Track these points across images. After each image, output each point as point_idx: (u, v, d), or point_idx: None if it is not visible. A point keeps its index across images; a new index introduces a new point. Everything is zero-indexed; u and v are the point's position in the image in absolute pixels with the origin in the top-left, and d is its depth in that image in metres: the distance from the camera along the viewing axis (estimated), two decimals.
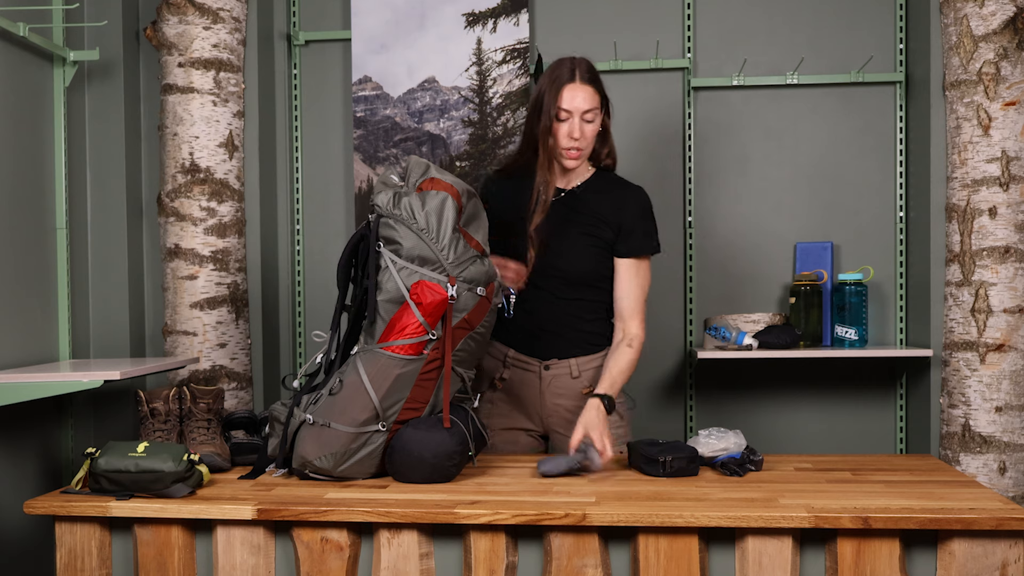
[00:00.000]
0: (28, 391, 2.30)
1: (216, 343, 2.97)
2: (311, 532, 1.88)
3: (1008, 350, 2.82)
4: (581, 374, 2.43)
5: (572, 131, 2.31)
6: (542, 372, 2.43)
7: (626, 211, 2.40)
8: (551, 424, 2.46)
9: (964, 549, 1.76)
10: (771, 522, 1.76)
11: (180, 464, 1.94)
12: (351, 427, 2.03)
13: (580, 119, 2.31)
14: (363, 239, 2.11)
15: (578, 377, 2.43)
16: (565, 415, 2.44)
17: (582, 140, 2.33)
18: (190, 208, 2.95)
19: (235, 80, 3.02)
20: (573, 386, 2.43)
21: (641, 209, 2.41)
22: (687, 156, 3.23)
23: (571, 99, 2.31)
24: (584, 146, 2.34)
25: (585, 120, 2.32)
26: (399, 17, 3.24)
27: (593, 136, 2.35)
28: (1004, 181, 2.81)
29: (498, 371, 2.46)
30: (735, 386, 3.25)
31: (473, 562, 1.84)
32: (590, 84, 2.33)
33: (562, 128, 2.32)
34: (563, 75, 2.33)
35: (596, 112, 2.33)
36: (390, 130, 3.26)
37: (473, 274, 2.06)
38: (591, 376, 2.43)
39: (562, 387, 2.43)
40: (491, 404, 2.48)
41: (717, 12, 3.23)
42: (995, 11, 2.79)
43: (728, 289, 3.24)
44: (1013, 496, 2.81)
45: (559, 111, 2.31)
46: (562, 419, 2.44)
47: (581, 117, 2.31)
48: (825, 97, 3.21)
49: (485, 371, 2.48)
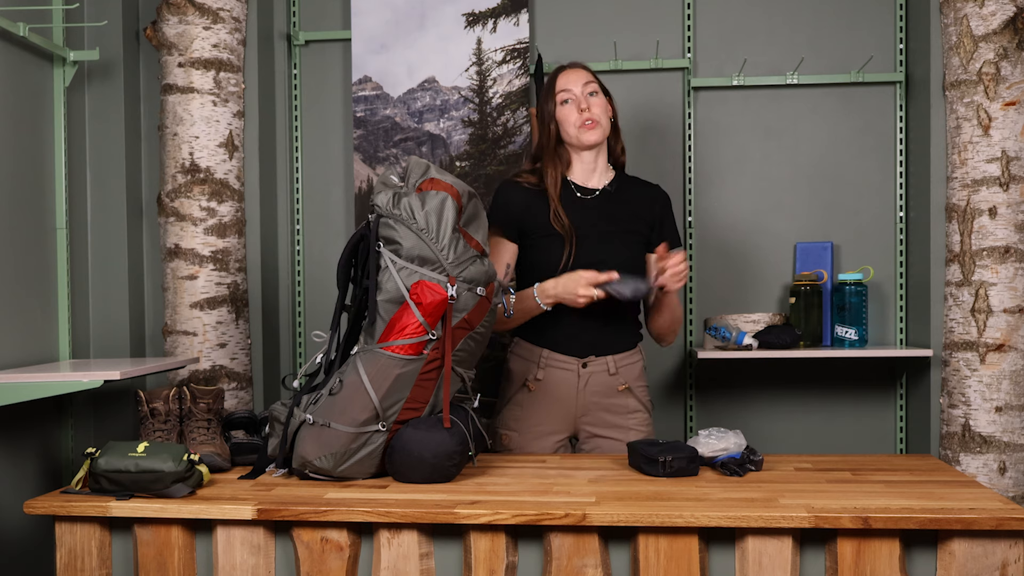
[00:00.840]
0: (28, 391, 2.30)
1: (216, 343, 2.97)
2: (311, 532, 1.88)
3: (1008, 350, 2.82)
4: (619, 371, 2.46)
5: (579, 102, 2.41)
6: (580, 370, 2.45)
7: (657, 206, 2.52)
8: (584, 423, 2.49)
9: (964, 549, 1.76)
10: (771, 522, 1.76)
11: (180, 464, 1.94)
12: (351, 427, 2.03)
13: (583, 93, 2.38)
14: (363, 239, 2.11)
15: (615, 374, 2.46)
16: (600, 414, 2.47)
17: (593, 110, 2.41)
18: (190, 208, 2.95)
19: (235, 80, 3.02)
20: (610, 383, 2.46)
21: (669, 205, 2.56)
22: (687, 156, 3.23)
23: (567, 81, 2.45)
24: (597, 115, 2.41)
25: (588, 93, 2.40)
26: (399, 17, 3.24)
27: (602, 109, 2.44)
28: (1004, 181, 2.81)
29: (531, 372, 2.47)
30: (735, 386, 3.25)
31: (473, 562, 1.84)
32: (582, 68, 2.48)
33: (567, 109, 2.41)
34: (555, 71, 2.51)
35: (596, 87, 2.45)
36: (390, 130, 3.26)
37: (473, 274, 2.06)
38: (627, 373, 2.46)
39: (600, 384, 2.46)
40: (519, 407, 2.49)
41: (717, 12, 3.23)
42: (995, 11, 2.79)
43: (728, 289, 3.24)
44: (1013, 496, 2.81)
45: (559, 95, 2.40)
46: (597, 417, 2.47)
47: (583, 92, 2.38)
48: (825, 97, 3.21)
49: (515, 373, 2.50)
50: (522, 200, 2.46)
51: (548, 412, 2.48)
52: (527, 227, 2.45)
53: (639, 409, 2.51)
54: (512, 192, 2.48)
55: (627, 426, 2.49)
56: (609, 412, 2.48)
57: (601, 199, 2.47)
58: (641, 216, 2.48)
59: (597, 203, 2.46)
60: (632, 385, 2.50)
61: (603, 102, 2.45)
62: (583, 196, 2.48)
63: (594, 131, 2.41)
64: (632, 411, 2.50)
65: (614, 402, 2.48)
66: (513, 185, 2.50)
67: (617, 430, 2.48)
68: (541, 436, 2.48)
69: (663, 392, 3.28)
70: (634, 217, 2.47)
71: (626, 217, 2.46)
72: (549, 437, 2.48)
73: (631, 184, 2.54)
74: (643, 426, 2.51)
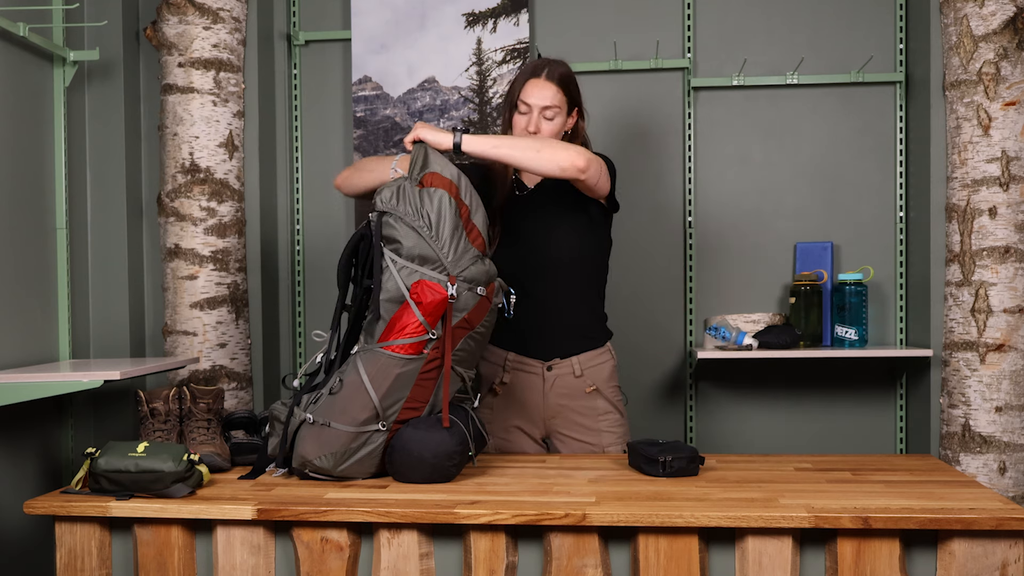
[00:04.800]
0: (28, 391, 2.30)
1: (216, 343, 2.97)
2: (311, 532, 1.88)
3: (1008, 350, 2.82)
4: (584, 373, 2.43)
5: (528, 124, 2.37)
6: (544, 373, 2.43)
7: None
8: (554, 426, 2.47)
9: (964, 549, 1.76)
10: (771, 522, 1.76)
11: (180, 464, 1.94)
12: (351, 427, 2.03)
13: (539, 114, 2.35)
14: (363, 239, 2.11)
15: (581, 376, 2.43)
16: (569, 416, 2.45)
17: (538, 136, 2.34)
18: (190, 208, 2.95)
19: (235, 80, 3.02)
20: (577, 385, 2.44)
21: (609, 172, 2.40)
22: (687, 156, 3.23)
23: (531, 93, 2.37)
24: None
25: (544, 117, 2.35)
26: (399, 17, 3.24)
27: (551, 134, 2.37)
28: (1004, 181, 2.81)
29: (497, 376, 2.46)
30: (735, 386, 3.25)
31: (473, 562, 1.84)
32: (556, 84, 2.37)
33: (520, 121, 2.38)
34: (530, 71, 2.39)
35: (557, 111, 2.36)
36: (390, 130, 3.26)
37: (473, 273, 2.06)
38: (594, 375, 2.44)
39: (566, 387, 2.44)
40: (490, 410, 2.48)
41: (717, 12, 3.23)
42: (995, 11, 2.79)
43: (728, 289, 3.24)
44: (1013, 496, 2.81)
45: (519, 103, 2.35)
46: (566, 420, 2.45)
47: (540, 113, 2.34)
48: (825, 97, 3.21)
49: (484, 377, 2.49)
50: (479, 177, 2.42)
51: (517, 415, 2.47)
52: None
53: (610, 411, 2.46)
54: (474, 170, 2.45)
55: (598, 428, 2.45)
56: (578, 414, 2.44)
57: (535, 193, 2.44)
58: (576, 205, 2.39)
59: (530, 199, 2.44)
60: (601, 386, 2.45)
61: (555, 128, 2.36)
62: (520, 192, 2.46)
63: None
64: (602, 413, 2.46)
65: (583, 404, 2.44)
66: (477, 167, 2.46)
67: (589, 432, 2.45)
68: (514, 438, 2.47)
69: (663, 392, 3.28)
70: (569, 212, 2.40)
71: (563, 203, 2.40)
72: (522, 439, 2.48)
73: None
74: (615, 427, 2.46)
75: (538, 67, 2.39)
